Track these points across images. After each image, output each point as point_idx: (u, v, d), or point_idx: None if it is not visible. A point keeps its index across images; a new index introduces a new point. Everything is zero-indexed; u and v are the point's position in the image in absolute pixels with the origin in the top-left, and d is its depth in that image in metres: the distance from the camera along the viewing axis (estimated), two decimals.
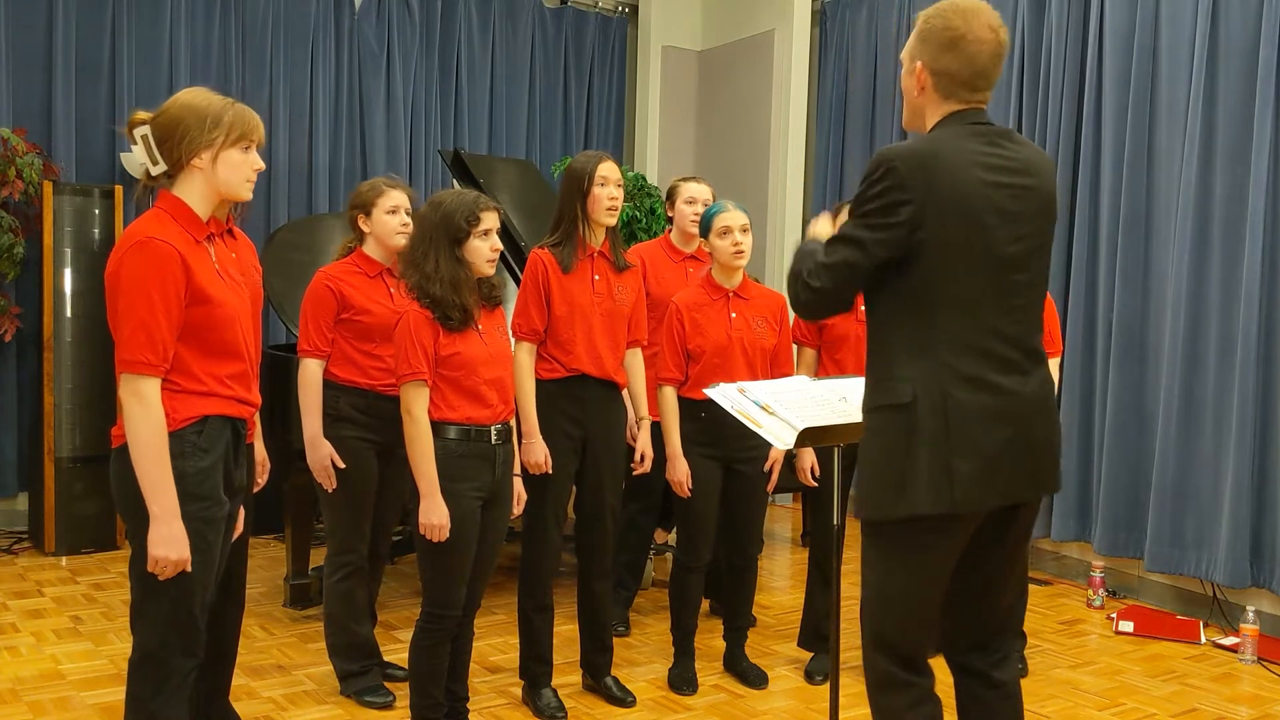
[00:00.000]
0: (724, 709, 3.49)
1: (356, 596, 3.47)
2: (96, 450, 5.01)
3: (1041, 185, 2.16)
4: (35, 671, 3.61)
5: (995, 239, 2.08)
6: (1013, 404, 2.10)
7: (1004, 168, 2.11)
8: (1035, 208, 2.14)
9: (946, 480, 2.05)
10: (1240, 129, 4.35)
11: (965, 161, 2.07)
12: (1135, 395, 4.75)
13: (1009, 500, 2.13)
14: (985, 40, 2.11)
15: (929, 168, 2.05)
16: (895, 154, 2.07)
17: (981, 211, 2.06)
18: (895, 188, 2.05)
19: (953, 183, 2.05)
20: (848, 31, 6.33)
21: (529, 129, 6.76)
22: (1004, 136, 2.16)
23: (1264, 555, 4.28)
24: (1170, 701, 3.65)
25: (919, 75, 2.17)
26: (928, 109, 2.19)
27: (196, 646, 2.35)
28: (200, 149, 2.29)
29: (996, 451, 2.08)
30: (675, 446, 3.47)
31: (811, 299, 2.18)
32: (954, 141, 2.10)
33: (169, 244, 2.23)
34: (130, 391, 2.22)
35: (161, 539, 2.22)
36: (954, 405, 2.06)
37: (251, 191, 2.39)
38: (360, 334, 3.42)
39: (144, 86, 5.48)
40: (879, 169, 2.07)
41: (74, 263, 5.01)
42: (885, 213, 2.06)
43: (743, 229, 3.46)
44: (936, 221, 2.04)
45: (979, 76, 2.13)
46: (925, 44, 2.16)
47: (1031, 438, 2.13)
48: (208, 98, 2.33)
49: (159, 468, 2.22)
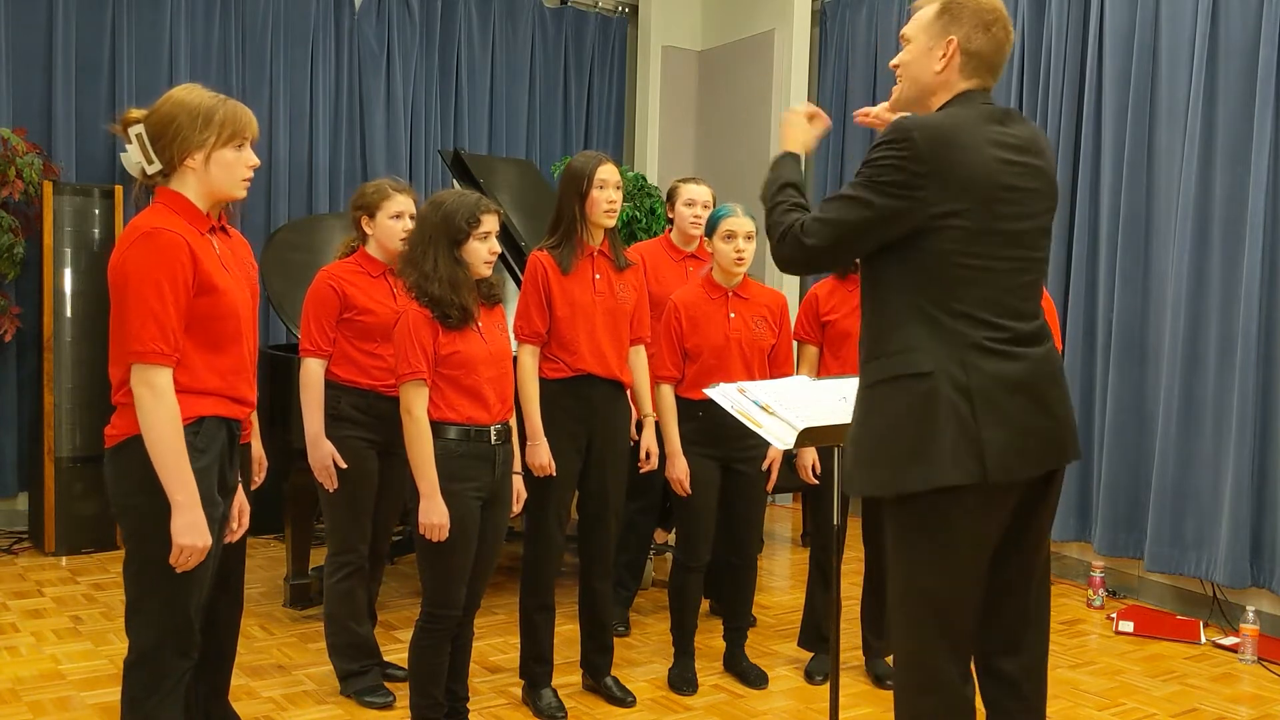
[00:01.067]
0: (724, 709, 3.49)
1: (357, 596, 3.47)
2: (96, 450, 5.00)
3: (1045, 164, 2.19)
4: (35, 671, 3.61)
5: (1007, 215, 2.09)
6: (1028, 372, 2.10)
7: (1014, 145, 2.12)
8: (1042, 186, 2.16)
9: (975, 450, 2.02)
10: (1240, 129, 4.35)
11: (980, 138, 2.09)
12: (1135, 395, 4.75)
13: (1042, 468, 2.12)
14: (1008, 28, 2.20)
15: (948, 143, 2.06)
16: (915, 125, 2.07)
17: (995, 187, 2.08)
18: (912, 159, 2.04)
19: (969, 159, 2.06)
20: (848, 31, 6.33)
21: (529, 129, 6.76)
22: (1009, 116, 2.18)
23: (1264, 555, 4.28)
24: (1170, 701, 3.65)
25: (948, 51, 2.16)
26: (941, 88, 2.19)
27: (192, 647, 2.34)
28: (193, 149, 2.29)
29: (1023, 417, 2.07)
30: (675, 444, 3.47)
31: (800, 255, 2.15)
32: (969, 117, 2.12)
33: (176, 234, 2.23)
34: (142, 382, 2.21)
35: (187, 526, 2.21)
36: (977, 375, 2.05)
37: (246, 190, 2.38)
38: (362, 334, 3.42)
39: (144, 86, 5.48)
40: (897, 137, 2.07)
41: (74, 263, 5.01)
42: (900, 184, 2.06)
43: (747, 236, 3.46)
44: (952, 196, 2.05)
45: (1000, 62, 2.20)
46: (959, 22, 2.16)
47: (1050, 404, 2.13)
48: (199, 95, 2.32)
49: (177, 456, 2.21)
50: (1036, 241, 2.16)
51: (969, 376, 2.05)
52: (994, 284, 2.09)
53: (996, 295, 2.10)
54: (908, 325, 2.10)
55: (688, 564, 3.57)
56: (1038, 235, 2.17)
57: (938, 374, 2.06)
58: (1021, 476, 2.09)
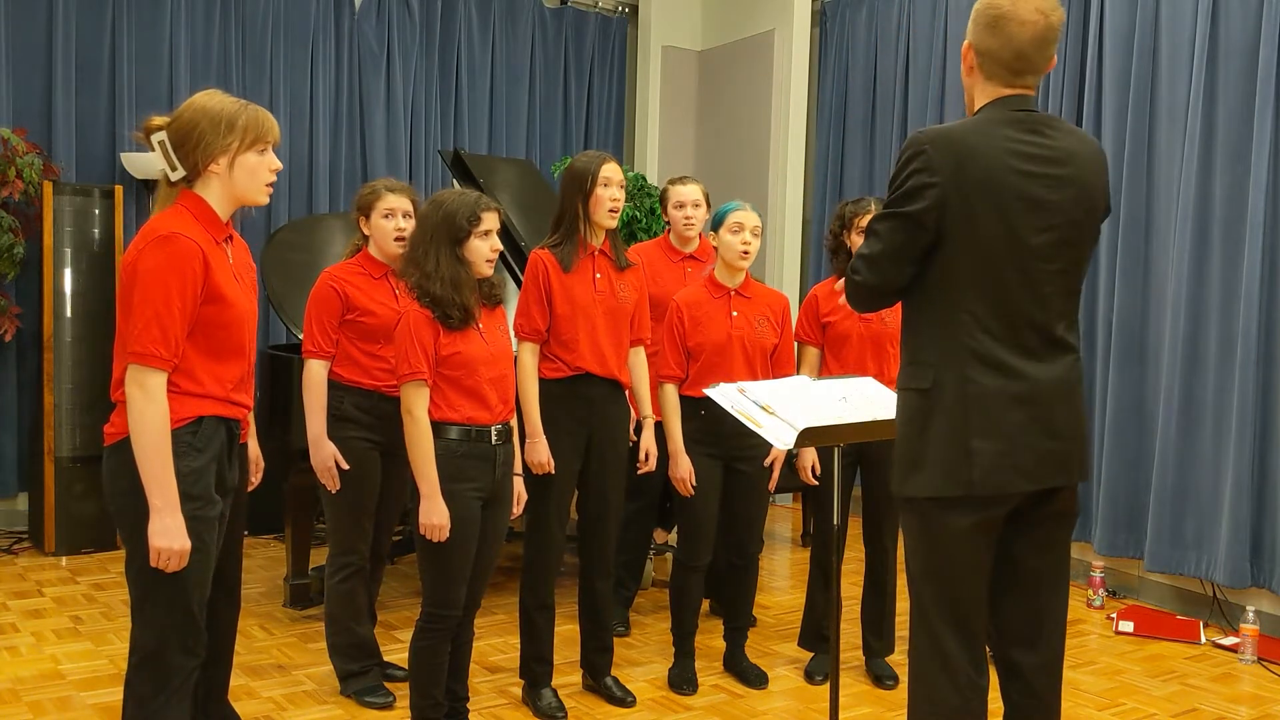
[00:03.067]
0: (724, 709, 3.49)
1: (358, 597, 3.47)
2: (96, 450, 5.00)
3: (1080, 175, 2.14)
4: (35, 671, 3.61)
5: (1022, 226, 2.08)
6: (1032, 389, 2.11)
7: (1038, 156, 2.11)
8: (1070, 197, 2.12)
9: (965, 462, 2.07)
10: (1240, 129, 4.35)
11: (997, 148, 2.08)
12: (1135, 395, 4.75)
13: (1034, 484, 2.12)
14: (1028, 22, 2.10)
15: (958, 152, 2.07)
16: (926, 137, 2.09)
17: (1008, 198, 2.07)
18: (923, 170, 2.07)
19: (981, 167, 2.06)
20: (848, 31, 6.32)
21: (529, 129, 6.76)
22: (1046, 124, 2.15)
23: (1264, 555, 4.28)
24: (1170, 701, 3.65)
25: (966, 54, 2.21)
26: (975, 91, 2.21)
27: (197, 645, 2.35)
28: (216, 154, 2.32)
29: (1015, 432, 2.09)
30: (678, 444, 3.47)
31: (857, 293, 2.24)
32: (989, 127, 2.11)
33: (193, 240, 2.25)
34: (137, 383, 2.23)
35: (163, 530, 2.22)
36: (973, 388, 2.08)
37: (269, 195, 2.42)
38: (364, 335, 3.42)
39: (144, 86, 5.47)
40: (911, 151, 2.10)
41: (74, 263, 5.00)
42: (912, 196, 2.08)
43: (754, 230, 3.47)
44: (962, 205, 2.06)
45: (1019, 58, 2.13)
46: (974, 24, 2.18)
47: (1053, 422, 2.13)
48: (222, 101, 2.35)
49: (161, 460, 2.22)
50: (1059, 254, 2.12)
51: (966, 389, 2.08)
52: (1005, 295, 2.09)
53: (1007, 307, 2.09)
54: (920, 333, 2.16)
55: (689, 564, 3.57)
56: (1061, 247, 2.12)
57: (937, 388, 2.11)
58: (1013, 490, 2.11)
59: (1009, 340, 2.10)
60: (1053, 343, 2.14)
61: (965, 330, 2.09)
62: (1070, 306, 2.19)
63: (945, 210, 2.06)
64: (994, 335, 2.09)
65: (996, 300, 2.09)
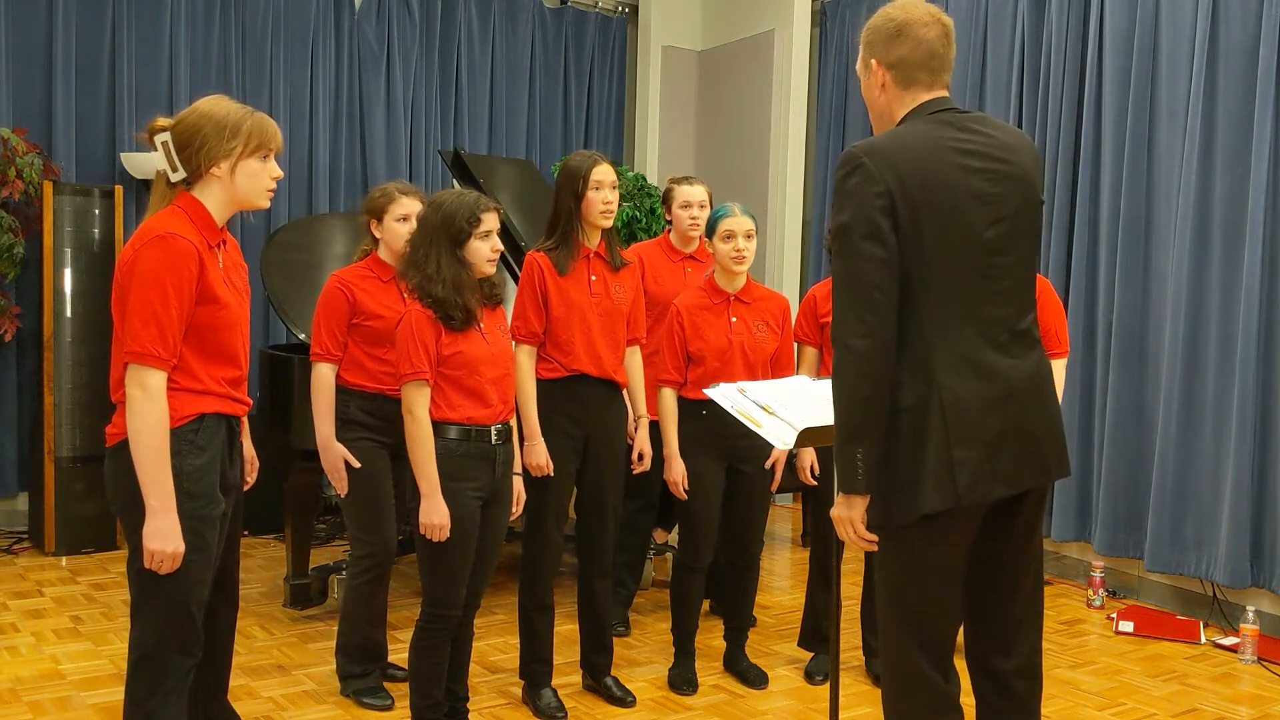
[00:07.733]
0: (724, 709, 3.49)
1: (377, 598, 3.46)
2: (96, 450, 5.00)
3: (1019, 167, 2.13)
4: (35, 671, 3.61)
5: (972, 223, 2.06)
6: (1005, 389, 2.08)
7: (977, 152, 2.09)
8: (1013, 189, 2.11)
9: (949, 474, 2.02)
10: (1240, 129, 4.35)
11: (934, 148, 2.06)
12: (1135, 395, 4.74)
13: (1015, 487, 2.10)
14: (929, 23, 2.14)
15: (896, 158, 2.04)
16: (862, 149, 2.05)
17: (956, 196, 2.05)
18: (867, 180, 2.03)
19: (923, 170, 2.03)
20: (848, 31, 6.32)
21: (529, 129, 6.76)
22: (977, 121, 2.14)
23: (1264, 555, 4.28)
24: (1170, 701, 3.65)
25: (876, 74, 2.18)
26: (893, 106, 2.19)
27: (195, 645, 2.36)
28: (219, 158, 2.33)
29: (995, 438, 2.06)
30: (672, 447, 3.47)
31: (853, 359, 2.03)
32: (921, 129, 2.10)
33: (188, 240, 2.26)
34: (136, 383, 2.23)
35: (158, 531, 2.23)
36: (948, 395, 2.04)
37: (270, 200, 2.43)
38: (370, 338, 3.41)
39: (144, 86, 5.48)
40: (848, 167, 2.05)
41: (74, 263, 5.01)
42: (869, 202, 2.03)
43: (747, 235, 3.45)
44: (910, 211, 2.02)
45: (933, 58, 2.14)
46: (873, 44, 2.18)
47: (1028, 422, 2.11)
48: (227, 106, 2.37)
49: (158, 461, 2.23)
50: (1010, 247, 2.11)
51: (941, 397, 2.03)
52: (965, 295, 2.07)
53: (969, 306, 2.07)
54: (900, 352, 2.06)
55: (689, 564, 3.57)
56: (1013, 239, 2.11)
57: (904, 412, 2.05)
58: (995, 497, 2.08)
59: (979, 338, 2.07)
60: (1020, 336, 2.13)
61: (930, 334, 2.05)
62: (1030, 299, 2.17)
63: (895, 218, 2.02)
64: (964, 336, 2.06)
65: (956, 301, 2.06)
